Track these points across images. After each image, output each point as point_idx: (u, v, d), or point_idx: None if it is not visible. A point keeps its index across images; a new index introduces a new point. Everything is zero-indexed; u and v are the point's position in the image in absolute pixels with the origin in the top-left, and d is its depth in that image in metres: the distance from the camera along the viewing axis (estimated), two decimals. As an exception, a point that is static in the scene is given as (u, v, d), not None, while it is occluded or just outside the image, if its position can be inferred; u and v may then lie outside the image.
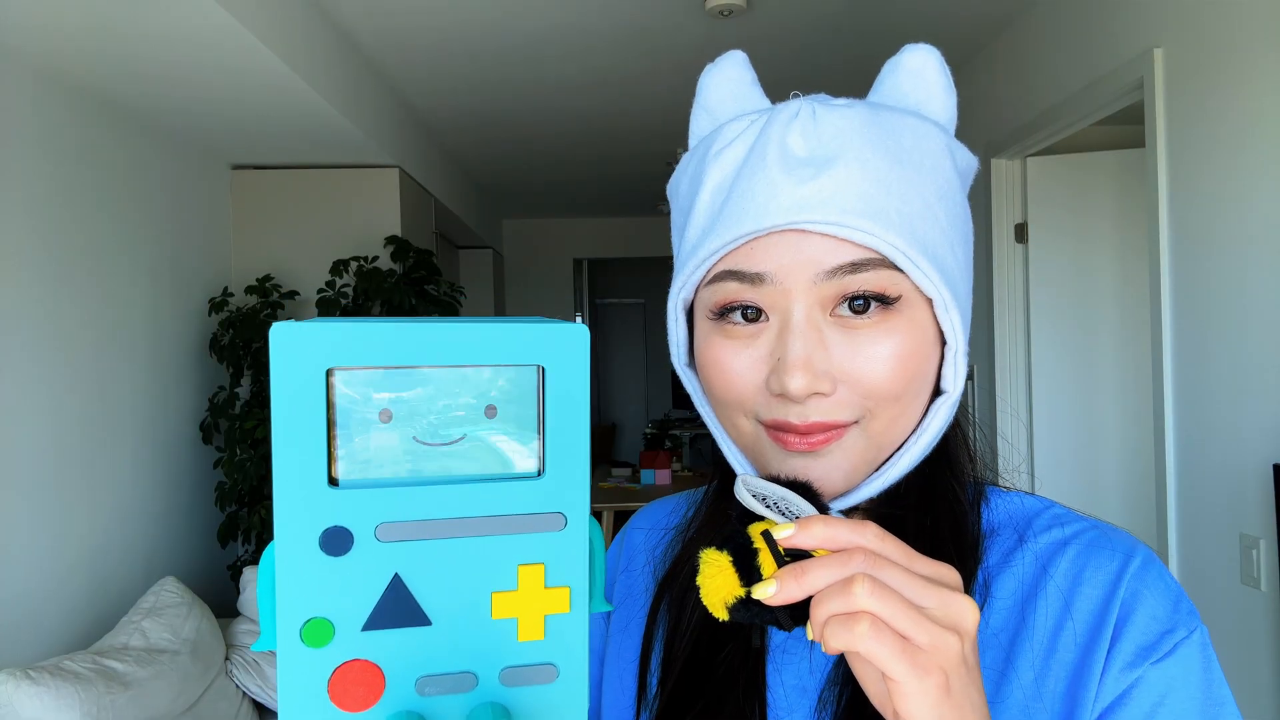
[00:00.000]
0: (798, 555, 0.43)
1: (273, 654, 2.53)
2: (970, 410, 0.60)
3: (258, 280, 3.26)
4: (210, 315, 3.18)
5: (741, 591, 0.43)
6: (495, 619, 0.39)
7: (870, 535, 0.42)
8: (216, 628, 2.51)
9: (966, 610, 0.41)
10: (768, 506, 0.46)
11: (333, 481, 0.37)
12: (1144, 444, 2.77)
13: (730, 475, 0.61)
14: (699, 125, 0.59)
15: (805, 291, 0.50)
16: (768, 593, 0.42)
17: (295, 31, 2.41)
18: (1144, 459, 2.74)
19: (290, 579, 0.37)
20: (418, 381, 0.38)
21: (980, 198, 3.05)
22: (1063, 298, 2.94)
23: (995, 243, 2.97)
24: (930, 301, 0.52)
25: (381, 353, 0.37)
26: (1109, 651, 0.51)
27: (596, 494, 4.86)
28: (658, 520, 0.70)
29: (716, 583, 0.44)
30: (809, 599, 0.42)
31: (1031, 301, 2.93)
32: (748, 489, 0.47)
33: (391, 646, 0.38)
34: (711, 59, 0.60)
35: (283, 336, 0.36)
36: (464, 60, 3.10)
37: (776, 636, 0.59)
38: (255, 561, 3.07)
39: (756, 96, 0.58)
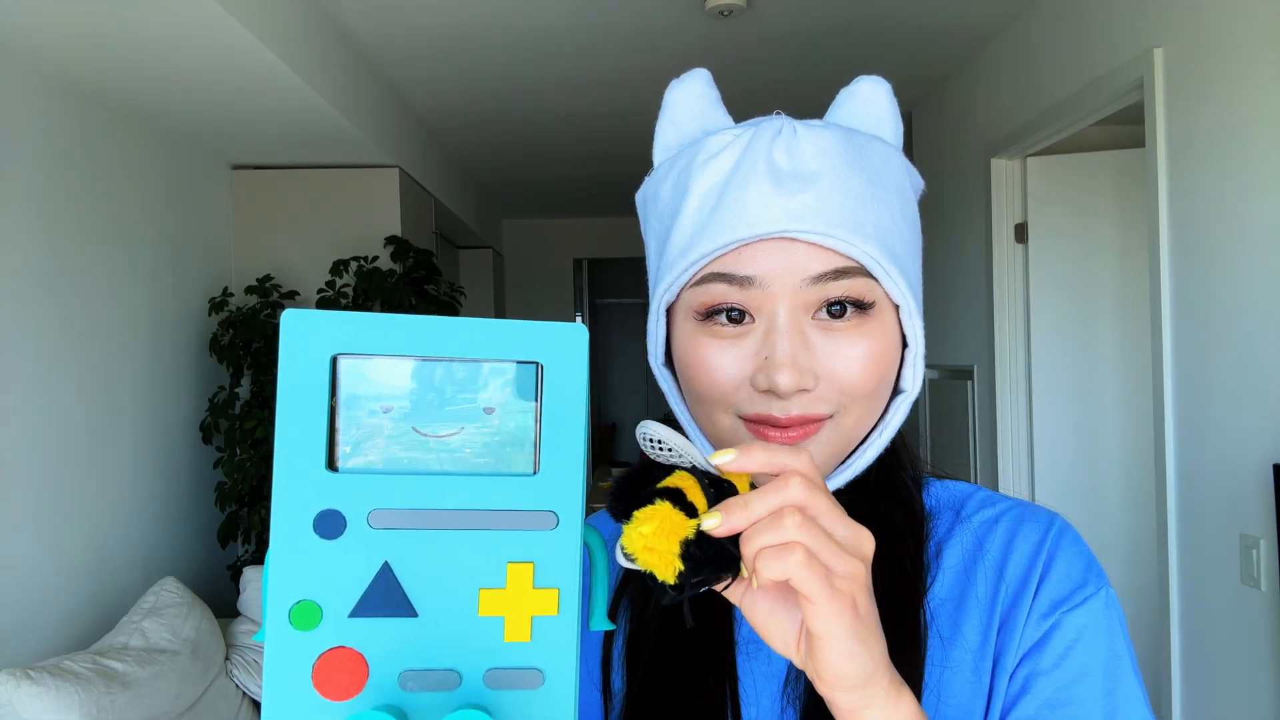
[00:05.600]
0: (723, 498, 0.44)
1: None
2: (920, 408, 0.64)
3: (258, 280, 3.26)
4: (210, 315, 3.17)
5: (693, 524, 0.43)
6: (481, 616, 0.39)
7: (805, 460, 0.45)
8: (216, 628, 2.52)
9: (867, 540, 0.46)
10: (662, 450, 0.47)
11: (332, 467, 0.38)
12: (1144, 444, 2.77)
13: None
14: (666, 137, 0.63)
15: (791, 295, 0.55)
16: (713, 524, 0.43)
17: (295, 31, 2.41)
18: (1144, 459, 2.74)
19: (283, 560, 0.38)
20: (420, 374, 0.39)
21: (980, 198, 3.05)
22: (1063, 298, 2.93)
23: (995, 243, 2.96)
24: (897, 307, 0.58)
25: (385, 342, 0.38)
26: (1031, 603, 0.58)
27: (595, 493, 4.85)
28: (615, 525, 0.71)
29: (664, 528, 0.42)
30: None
31: (1031, 301, 2.93)
32: (646, 433, 0.47)
33: (377, 636, 0.38)
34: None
35: (292, 323, 0.38)
36: (464, 60, 3.10)
37: (744, 627, 0.61)
38: (256, 561, 3.07)
39: (720, 114, 0.62)
